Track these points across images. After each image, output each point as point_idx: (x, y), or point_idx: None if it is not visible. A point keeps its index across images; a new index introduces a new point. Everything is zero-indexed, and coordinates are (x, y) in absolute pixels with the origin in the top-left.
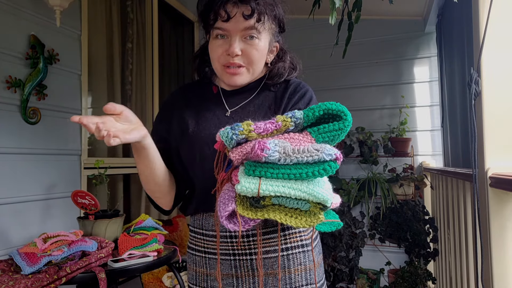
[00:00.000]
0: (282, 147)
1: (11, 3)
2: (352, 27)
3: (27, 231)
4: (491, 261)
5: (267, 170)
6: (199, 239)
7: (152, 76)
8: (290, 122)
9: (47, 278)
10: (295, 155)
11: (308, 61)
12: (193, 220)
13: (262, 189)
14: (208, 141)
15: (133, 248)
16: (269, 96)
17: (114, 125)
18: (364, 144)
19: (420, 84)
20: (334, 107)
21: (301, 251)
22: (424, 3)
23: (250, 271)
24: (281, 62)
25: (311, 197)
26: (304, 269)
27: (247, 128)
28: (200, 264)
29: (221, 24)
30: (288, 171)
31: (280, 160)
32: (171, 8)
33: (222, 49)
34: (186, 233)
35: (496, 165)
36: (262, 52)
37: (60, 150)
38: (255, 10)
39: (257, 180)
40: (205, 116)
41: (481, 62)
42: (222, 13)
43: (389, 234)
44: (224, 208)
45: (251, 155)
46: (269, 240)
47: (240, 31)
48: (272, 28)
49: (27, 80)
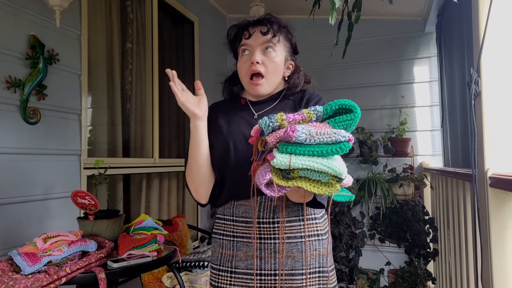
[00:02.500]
0: (308, 130)
1: (11, 3)
2: (352, 27)
3: (27, 231)
4: (490, 261)
5: (296, 148)
6: (229, 225)
7: (152, 76)
8: (313, 114)
9: (47, 278)
10: (318, 136)
11: (308, 61)
12: (223, 209)
13: (293, 162)
14: (241, 138)
15: (133, 248)
16: (288, 104)
17: (188, 94)
18: (364, 144)
19: (420, 84)
20: (346, 102)
21: (316, 239)
22: (424, 4)
23: (273, 253)
24: (296, 76)
25: (329, 170)
26: (318, 254)
27: (280, 117)
28: (228, 247)
29: (244, 41)
30: (312, 148)
31: (306, 140)
32: (171, 8)
33: (247, 64)
34: (186, 233)
35: (496, 165)
36: (278, 65)
37: (60, 150)
38: (270, 28)
39: (288, 156)
40: (236, 120)
41: (481, 62)
42: (245, 33)
43: (389, 234)
44: (263, 177)
45: (284, 136)
46: (290, 227)
47: (260, 45)
48: (286, 46)
49: (27, 80)
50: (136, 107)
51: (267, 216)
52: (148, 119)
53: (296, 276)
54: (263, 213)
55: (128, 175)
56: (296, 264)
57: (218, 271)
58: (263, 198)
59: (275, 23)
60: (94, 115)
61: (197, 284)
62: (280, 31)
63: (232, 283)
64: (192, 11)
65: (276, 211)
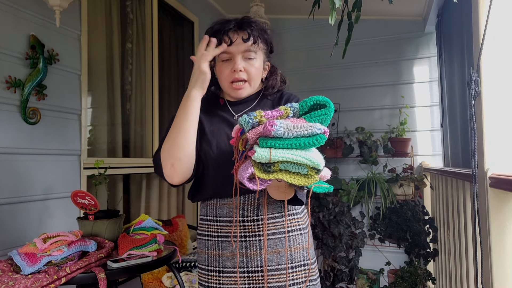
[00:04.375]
0: (285, 124)
1: (11, 3)
2: (352, 27)
3: (27, 231)
4: (490, 261)
5: (275, 142)
6: (212, 225)
7: (152, 76)
8: (290, 110)
9: (47, 278)
10: (295, 130)
11: (308, 61)
12: (206, 209)
13: (273, 155)
14: (224, 138)
15: (133, 248)
16: (267, 104)
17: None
18: (364, 144)
19: (419, 84)
20: (320, 98)
21: (298, 234)
22: (424, 3)
23: (258, 250)
24: (273, 76)
25: (308, 161)
26: (302, 248)
27: (259, 114)
28: (213, 247)
29: (225, 48)
30: (290, 142)
31: (284, 134)
32: (171, 8)
33: (228, 69)
34: (186, 233)
35: (496, 165)
36: (258, 69)
37: (60, 150)
38: (251, 34)
39: (268, 150)
40: (218, 120)
41: (480, 62)
42: (226, 39)
43: (389, 234)
44: (245, 171)
45: (263, 131)
46: (274, 223)
47: (241, 52)
48: (264, 49)
49: (27, 80)
50: (136, 107)
51: (251, 214)
52: (148, 119)
53: (282, 270)
54: (247, 211)
55: (128, 175)
56: (282, 259)
57: (207, 271)
58: (246, 197)
59: (255, 29)
60: (94, 115)
61: (197, 284)
62: (259, 36)
63: (221, 281)
64: (192, 11)
65: (260, 208)
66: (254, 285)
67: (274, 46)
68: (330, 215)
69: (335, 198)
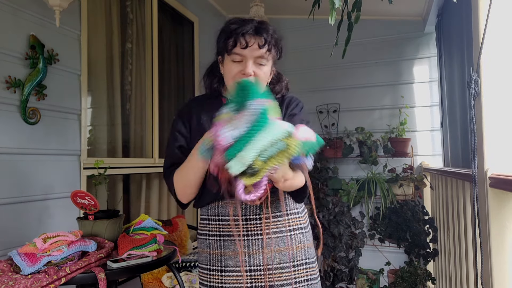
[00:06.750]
0: (231, 124)
1: (11, 3)
2: (352, 27)
3: (27, 231)
4: (490, 261)
5: (237, 146)
6: (214, 225)
7: (151, 76)
8: (230, 113)
9: (47, 278)
10: (241, 121)
11: (308, 61)
12: (207, 209)
13: (246, 158)
14: None
15: (133, 249)
16: None
17: None
18: (363, 144)
19: (419, 84)
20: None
21: (300, 233)
22: (424, 4)
23: (260, 249)
24: (279, 83)
25: (275, 135)
26: (303, 247)
27: (209, 137)
28: (215, 247)
29: (239, 50)
30: (248, 134)
31: (236, 133)
32: (171, 8)
33: (237, 69)
34: (185, 233)
35: (496, 165)
36: (266, 74)
37: (60, 150)
38: (267, 42)
39: (238, 157)
40: None
41: (480, 62)
42: (242, 42)
43: (389, 234)
44: (237, 188)
45: (220, 147)
46: (276, 222)
47: (254, 57)
48: (274, 56)
49: (27, 80)
50: (136, 107)
51: (254, 212)
52: (148, 119)
53: (284, 269)
54: (250, 210)
55: (128, 175)
56: (283, 258)
57: (209, 270)
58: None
59: (272, 37)
60: (94, 115)
61: (197, 284)
62: (274, 45)
63: (224, 281)
64: (191, 11)
65: (262, 207)
66: (256, 283)
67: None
68: (330, 215)
69: (335, 198)
